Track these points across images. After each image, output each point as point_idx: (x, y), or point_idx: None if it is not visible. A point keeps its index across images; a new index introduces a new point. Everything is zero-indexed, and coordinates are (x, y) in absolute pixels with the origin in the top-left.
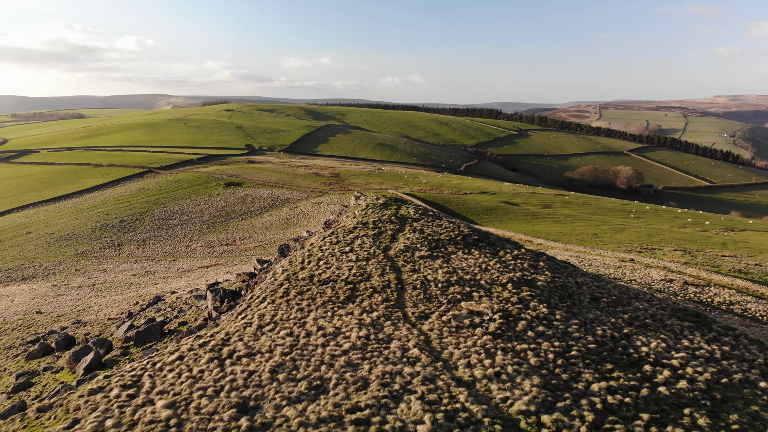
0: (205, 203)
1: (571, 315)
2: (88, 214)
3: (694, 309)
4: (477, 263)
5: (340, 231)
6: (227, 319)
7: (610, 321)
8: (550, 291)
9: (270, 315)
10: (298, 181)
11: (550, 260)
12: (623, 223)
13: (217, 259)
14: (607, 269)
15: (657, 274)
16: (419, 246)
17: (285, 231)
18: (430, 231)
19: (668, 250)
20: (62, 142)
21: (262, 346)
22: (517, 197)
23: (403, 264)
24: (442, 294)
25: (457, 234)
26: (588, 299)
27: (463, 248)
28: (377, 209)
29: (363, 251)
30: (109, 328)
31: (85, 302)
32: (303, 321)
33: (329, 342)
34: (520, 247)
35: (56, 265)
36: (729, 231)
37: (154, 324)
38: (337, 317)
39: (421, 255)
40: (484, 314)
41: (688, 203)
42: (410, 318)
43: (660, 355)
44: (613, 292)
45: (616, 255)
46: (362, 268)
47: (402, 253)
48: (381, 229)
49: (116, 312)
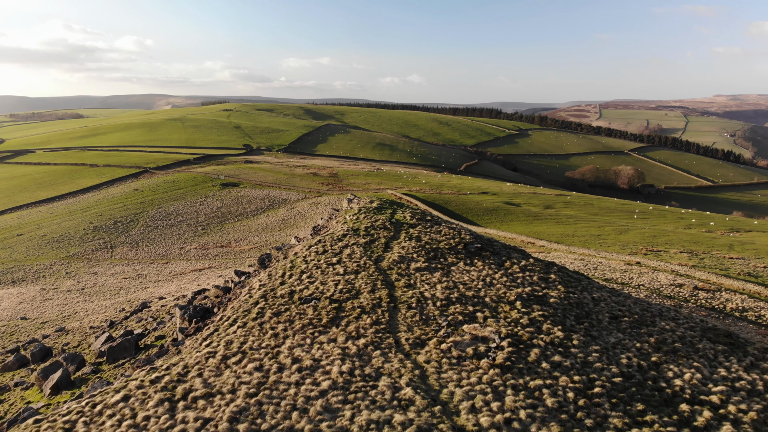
0: (200, 204)
1: (591, 339)
2: (82, 215)
3: (725, 329)
4: (481, 276)
5: (328, 239)
6: (191, 345)
7: (635, 346)
8: (565, 309)
9: (239, 342)
10: (296, 181)
11: (562, 271)
12: (627, 223)
13: (210, 262)
14: (614, 273)
15: (665, 278)
16: (415, 256)
17: (281, 232)
18: (427, 238)
19: (674, 252)
20: (58, 142)
21: (224, 384)
22: (518, 198)
23: (396, 278)
24: (441, 315)
25: (457, 241)
26: (607, 319)
27: (465, 258)
28: (370, 213)
29: (352, 262)
30: (88, 338)
31: (71, 307)
32: (276, 350)
33: (305, 379)
34: (528, 257)
35: (47, 267)
36: (734, 232)
37: (128, 339)
38: (317, 345)
39: (418, 267)
40: (490, 340)
41: (690, 203)
42: (404, 346)
43: (696, 389)
44: (634, 309)
45: (622, 258)
46: (350, 283)
47: (396, 265)
48: (373, 236)
49: (101, 319)
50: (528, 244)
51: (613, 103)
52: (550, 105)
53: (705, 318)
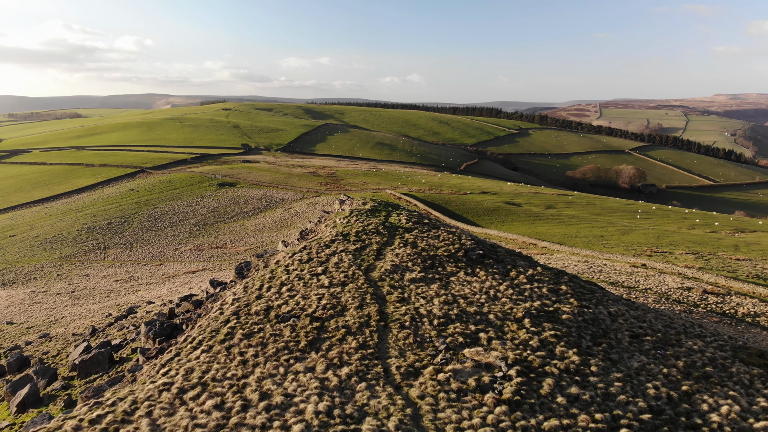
0: (196, 204)
1: (611, 364)
2: (76, 215)
3: (757, 348)
4: (483, 288)
5: (315, 245)
6: (148, 372)
7: (662, 372)
8: (580, 328)
9: (200, 371)
10: (294, 181)
11: (574, 282)
12: (630, 224)
13: (204, 264)
14: (619, 276)
15: (672, 281)
16: (410, 265)
17: (278, 233)
18: (424, 244)
19: (679, 253)
20: (56, 141)
21: (175, 427)
22: (519, 197)
23: (389, 290)
24: (439, 336)
25: (457, 248)
26: (628, 338)
27: (466, 267)
28: (362, 216)
29: (339, 273)
30: (69, 346)
31: (59, 311)
32: (243, 382)
33: (273, 421)
34: (536, 264)
35: (38, 269)
36: (739, 232)
37: (102, 352)
38: (291, 376)
39: (413, 277)
40: (496, 368)
41: (692, 203)
42: (394, 376)
43: (736, 425)
44: (656, 326)
45: (627, 260)
46: (335, 297)
47: (388, 275)
48: (365, 242)
49: (86, 324)
50: (530, 246)
51: (614, 103)
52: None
53: (734, 336)
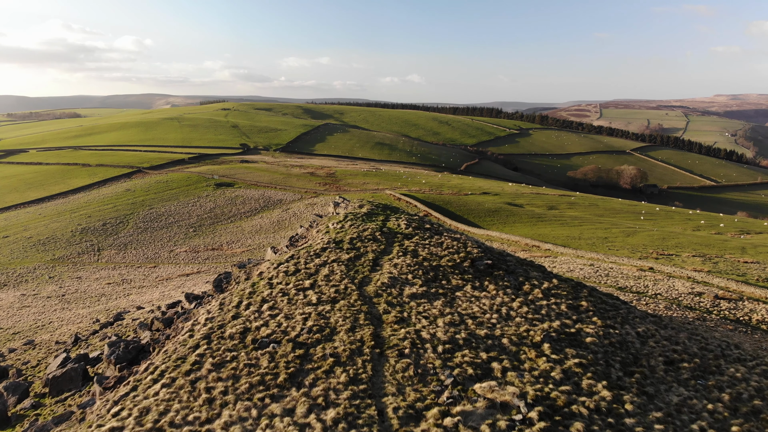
0: (193, 205)
1: (647, 400)
2: (70, 216)
3: None
4: (494, 305)
5: (303, 254)
6: (99, 409)
7: (707, 408)
8: (607, 353)
9: (157, 412)
10: (292, 181)
11: (594, 296)
12: (634, 225)
13: (199, 266)
14: (627, 281)
15: (682, 286)
16: (411, 277)
17: (276, 234)
18: (426, 253)
19: (686, 256)
20: (53, 141)
21: None
22: (520, 198)
23: (386, 308)
24: (444, 366)
25: (463, 257)
26: (662, 365)
27: (473, 279)
28: (358, 221)
29: (329, 287)
30: (50, 356)
31: (47, 316)
32: (207, 429)
33: None
34: (550, 276)
35: (30, 271)
36: (745, 234)
37: (75, 367)
38: (265, 420)
39: (413, 293)
40: (513, 408)
41: (694, 203)
42: (390, 421)
43: None
44: (690, 349)
45: (633, 263)
46: (324, 317)
47: (385, 290)
48: (360, 250)
49: (73, 331)
50: (533, 248)
51: (614, 103)
52: (550, 105)
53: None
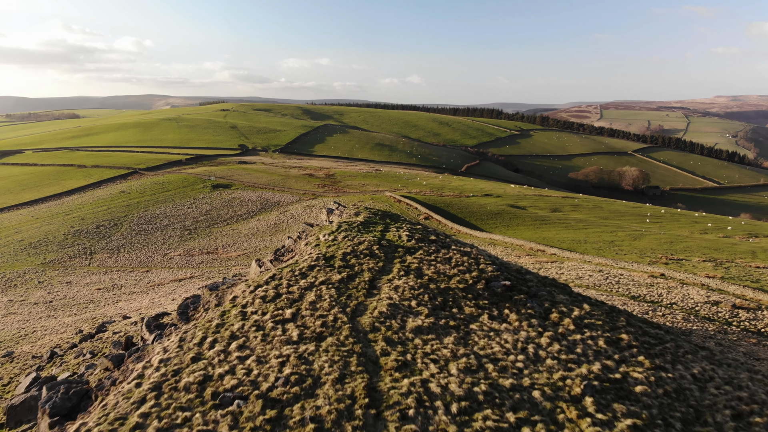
0: (188, 207)
1: None
2: (63, 218)
3: None
4: (519, 342)
5: (287, 274)
6: None
7: None
8: (662, 407)
9: None
10: (291, 182)
11: (632, 324)
12: (640, 228)
13: (193, 271)
14: (640, 289)
15: (697, 294)
16: (415, 304)
17: (273, 237)
18: (432, 272)
19: (696, 261)
20: (50, 142)
21: None
22: (523, 200)
23: (384, 349)
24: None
25: (475, 276)
26: (730, 420)
27: (490, 306)
28: (353, 232)
29: (315, 319)
30: (22, 373)
31: (32, 324)
32: None
33: None
34: (579, 300)
35: (20, 276)
36: (753, 237)
37: (35, 396)
38: None
39: (419, 326)
40: None
41: (697, 205)
42: None
43: None
44: (757, 395)
45: (643, 269)
46: (305, 362)
47: (384, 322)
48: (354, 268)
49: (56, 341)
50: (538, 252)
51: (614, 104)
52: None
53: None
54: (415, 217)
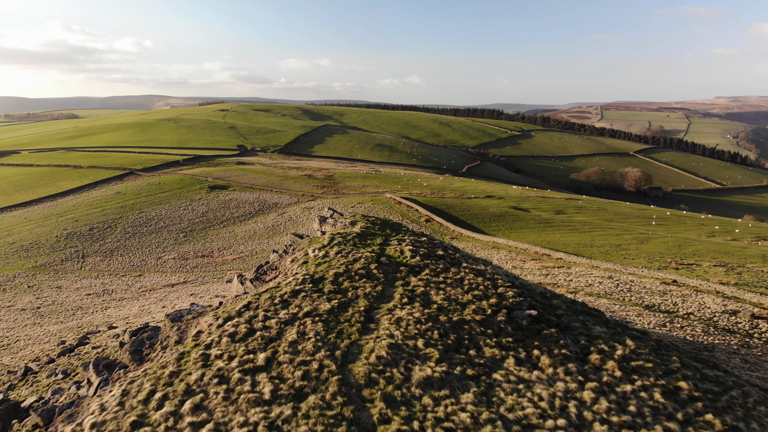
0: (184, 208)
1: None
2: (56, 220)
3: None
4: (555, 397)
5: (265, 302)
6: None
7: None
8: None
9: None
10: (289, 183)
11: (686, 364)
12: (646, 231)
13: (187, 275)
14: (653, 297)
15: (713, 302)
16: (422, 344)
17: (270, 240)
18: (442, 298)
19: (707, 266)
20: (47, 142)
21: None
22: (526, 202)
23: (383, 413)
24: None
25: (495, 305)
26: None
27: (515, 345)
28: (348, 246)
29: (295, 368)
30: None
31: (16, 333)
32: None
33: None
34: (619, 332)
35: (9, 280)
36: (762, 240)
37: None
38: None
39: (427, 375)
40: None
41: (700, 206)
42: None
43: None
44: None
45: (654, 275)
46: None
47: (383, 372)
48: (348, 294)
49: (36, 353)
50: (543, 257)
51: (615, 105)
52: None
53: None
54: (416, 219)
